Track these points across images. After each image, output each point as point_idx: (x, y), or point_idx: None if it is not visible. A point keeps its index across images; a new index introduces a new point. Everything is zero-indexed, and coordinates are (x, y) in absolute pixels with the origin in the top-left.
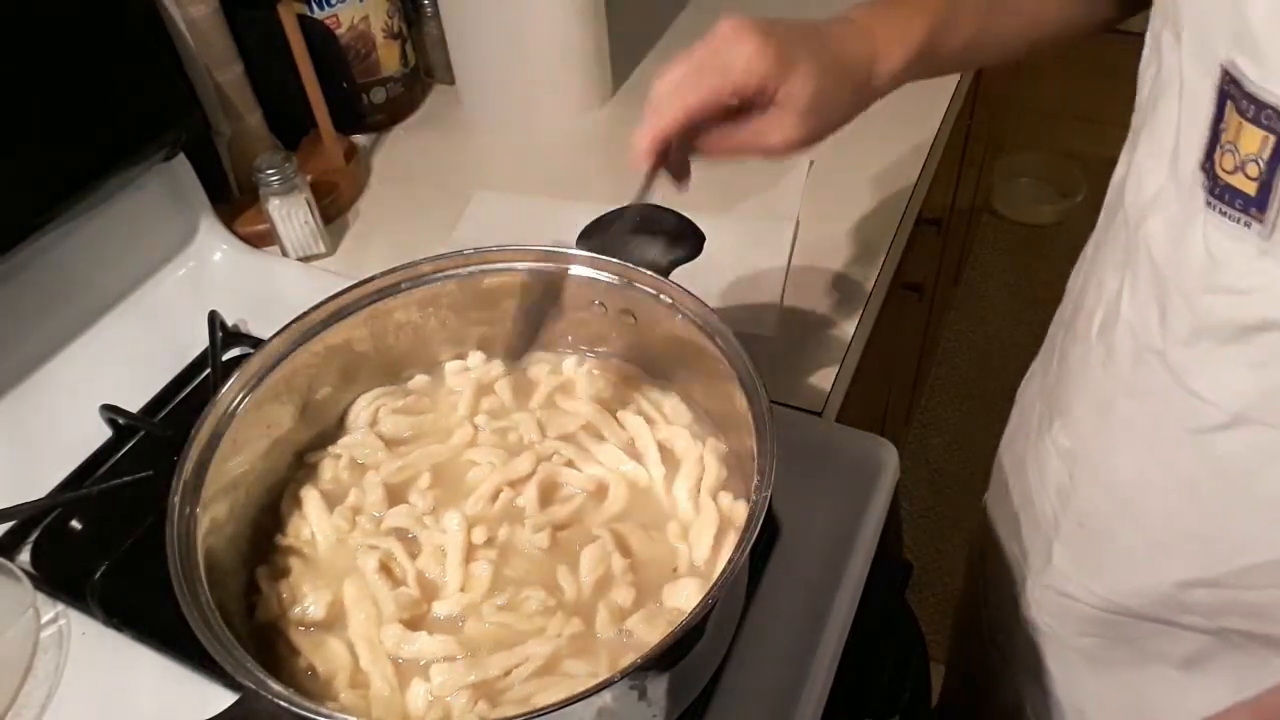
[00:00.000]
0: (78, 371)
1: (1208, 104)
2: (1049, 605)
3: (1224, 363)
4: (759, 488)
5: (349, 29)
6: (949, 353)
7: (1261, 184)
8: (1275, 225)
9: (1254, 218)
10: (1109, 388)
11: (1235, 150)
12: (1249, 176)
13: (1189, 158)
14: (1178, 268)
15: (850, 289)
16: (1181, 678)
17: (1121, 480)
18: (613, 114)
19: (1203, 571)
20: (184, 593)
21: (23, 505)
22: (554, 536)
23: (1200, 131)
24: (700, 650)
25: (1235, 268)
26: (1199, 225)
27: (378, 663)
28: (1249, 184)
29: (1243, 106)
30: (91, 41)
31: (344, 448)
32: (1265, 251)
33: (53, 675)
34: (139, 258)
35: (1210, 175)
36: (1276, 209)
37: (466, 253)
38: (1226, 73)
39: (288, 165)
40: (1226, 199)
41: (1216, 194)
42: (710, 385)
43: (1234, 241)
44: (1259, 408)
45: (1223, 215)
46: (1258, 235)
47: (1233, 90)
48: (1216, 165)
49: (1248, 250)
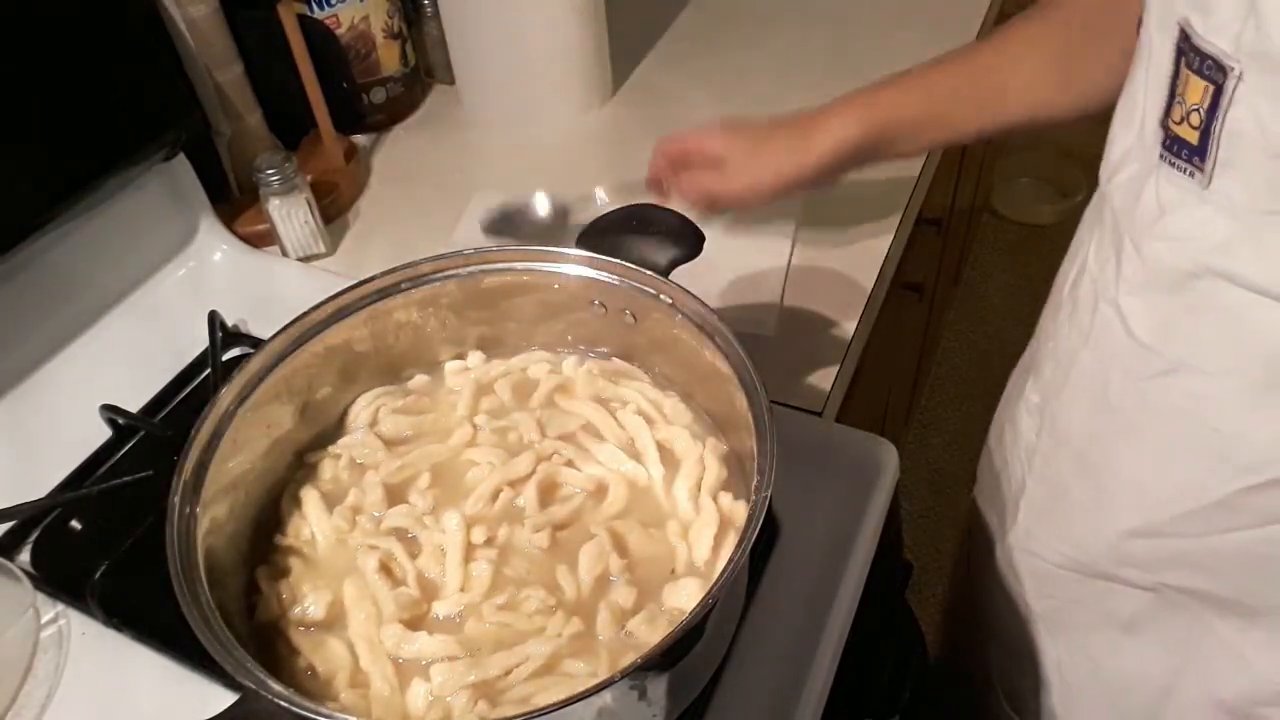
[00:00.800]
0: (78, 371)
1: (1168, 60)
2: (1016, 566)
3: (1166, 310)
4: (759, 488)
5: (349, 29)
6: (949, 353)
7: (1202, 133)
8: (1212, 175)
9: (1196, 166)
10: (1073, 341)
11: (1183, 102)
12: (1192, 126)
13: (1152, 115)
14: (1132, 218)
15: (850, 289)
16: (1124, 641)
17: (1076, 431)
18: (613, 114)
19: (1143, 520)
20: (184, 593)
21: (23, 505)
22: (553, 536)
23: (1161, 90)
24: (700, 650)
25: (1179, 216)
26: (1154, 178)
27: (378, 663)
28: (1192, 133)
29: (1190, 59)
30: (91, 41)
31: (344, 448)
32: (1204, 200)
33: (53, 675)
34: (139, 258)
35: (1165, 129)
36: (1213, 158)
37: (466, 253)
38: (1182, 30)
39: (288, 165)
40: (1175, 149)
41: (1167, 145)
42: (710, 385)
43: (1179, 191)
44: (1195, 354)
45: (1171, 166)
46: (1198, 184)
47: (1185, 45)
48: (1168, 118)
49: (1189, 199)
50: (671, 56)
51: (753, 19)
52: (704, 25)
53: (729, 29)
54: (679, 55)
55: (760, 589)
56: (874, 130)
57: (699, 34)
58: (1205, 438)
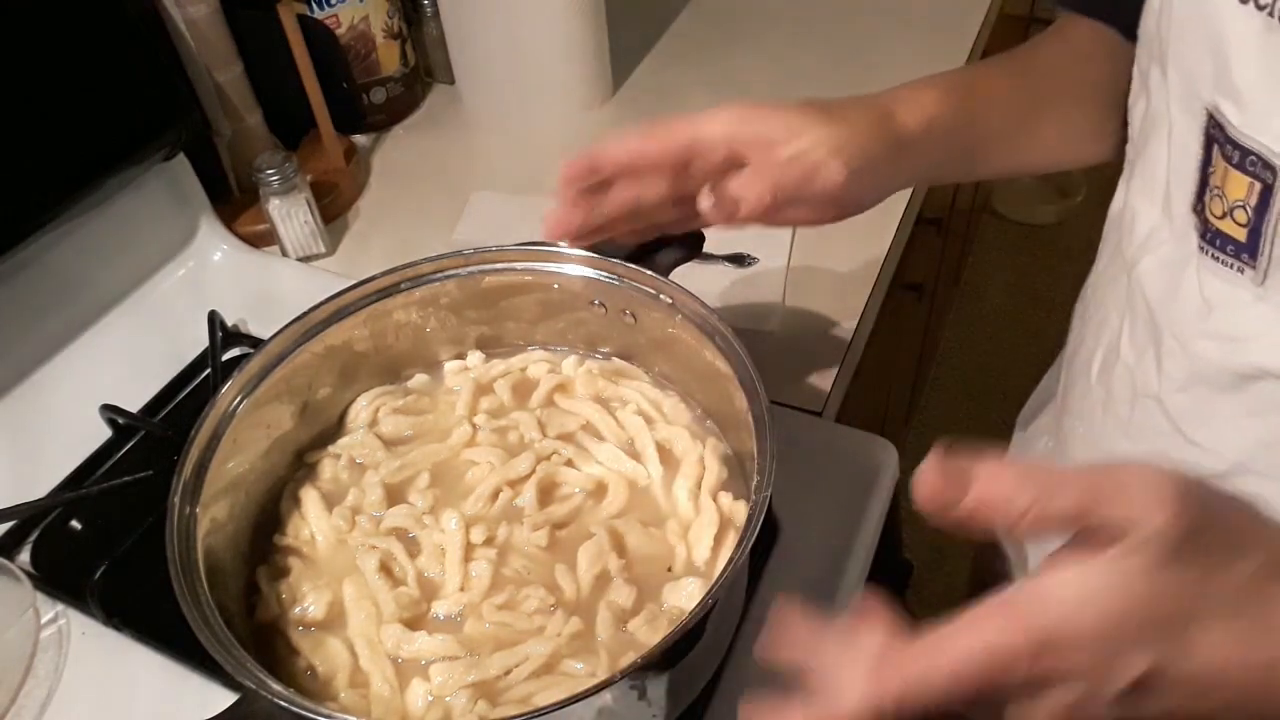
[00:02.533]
0: (78, 371)
1: (1196, 145)
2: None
3: (1221, 410)
4: (759, 488)
5: (349, 29)
6: (949, 353)
7: (1251, 230)
8: (1267, 272)
9: (1245, 264)
10: (1110, 432)
11: (1223, 196)
12: (1238, 223)
13: (1181, 199)
14: (1172, 311)
15: (850, 289)
16: None
17: None
18: (613, 114)
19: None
20: (184, 593)
21: (23, 505)
22: (552, 536)
23: (1190, 173)
24: (700, 650)
25: (1229, 313)
26: (1193, 268)
27: (377, 662)
28: (1238, 230)
29: (1228, 152)
30: (91, 41)
31: (343, 447)
32: (1260, 298)
33: (53, 675)
34: (139, 258)
35: (1201, 218)
36: (1268, 256)
37: (466, 253)
38: (1211, 116)
39: (288, 165)
40: (1218, 244)
41: (1208, 239)
42: (710, 385)
43: (1228, 286)
44: (1258, 458)
45: (1215, 260)
46: (1250, 281)
47: (1218, 134)
48: (1207, 209)
49: (1242, 296)
50: (671, 56)
51: (753, 19)
52: (704, 25)
53: (729, 29)
54: (679, 55)
55: (760, 589)
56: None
57: (699, 34)
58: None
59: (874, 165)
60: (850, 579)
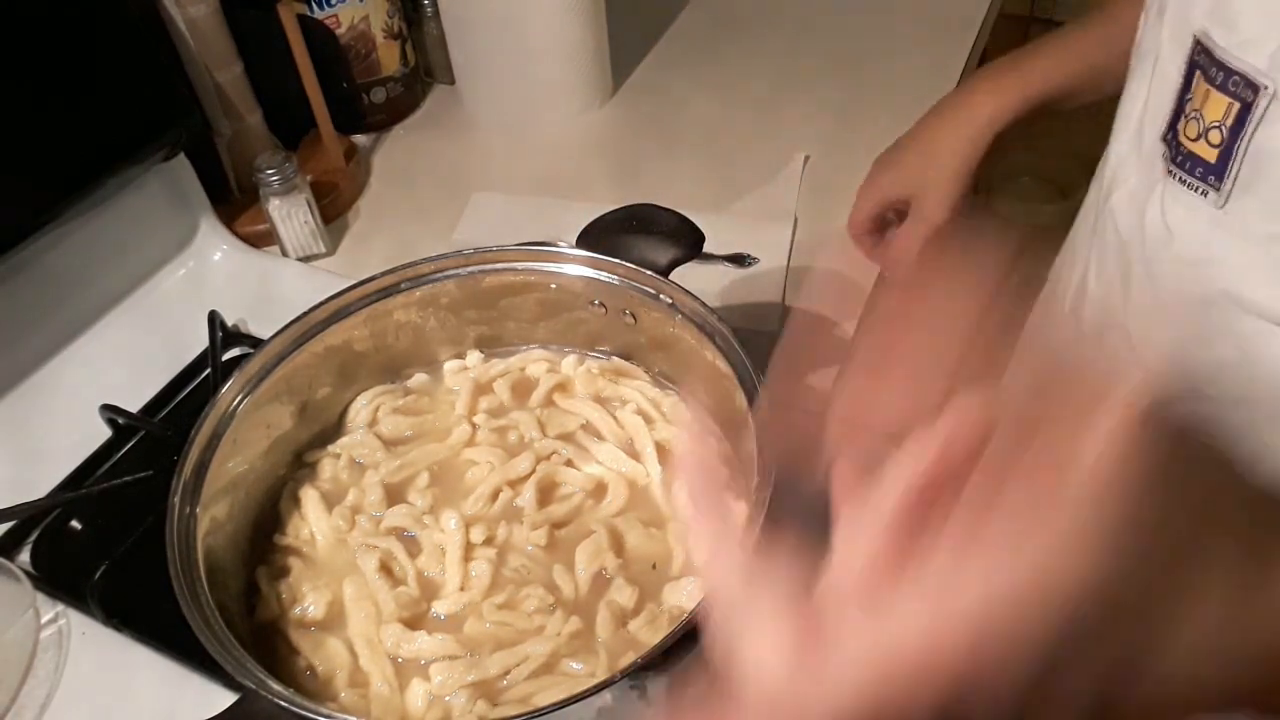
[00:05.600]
0: (78, 371)
1: (1176, 75)
2: None
3: (1176, 336)
4: (759, 488)
5: (349, 29)
6: None
7: (1222, 150)
8: (1229, 194)
9: (1211, 185)
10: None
11: (1200, 118)
12: (1211, 144)
13: (1152, 129)
14: (1139, 238)
15: (850, 289)
16: None
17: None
18: (613, 114)
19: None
20: (184, 593)
21: (23, 505)
22: (552, 535)
23: (1167, 102)
24: (700, 650)
25: (1189, 239)
26: (1158, 195)
27: (377, 662)
28: (1210, 151)
29: (1211, 74)
30: (91, 41)
31: (343, 447)
32: (1218, 223)
33: (53, 675)
34: (139, 258)
35: (1172, 145)
36: (1233, 178)
37: (466, 253)
38: (1199, 42)
39: (288, 165)
40: (1187, 167)
41: (1178, 162)
42: (710, 385)
43: (1189, 211)
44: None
45: (1181, 183)
46: (1212, 205)
47: (1202, 59)
48: (1180, 134)
49: (1201, 220)
50: (671, 56)
51: (752, 19)
52: (704, 25)
53: (729, 29)
54: (679, 55)
55: None
56: (1034, 98)
57: (699, 34)
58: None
59: None
60: None
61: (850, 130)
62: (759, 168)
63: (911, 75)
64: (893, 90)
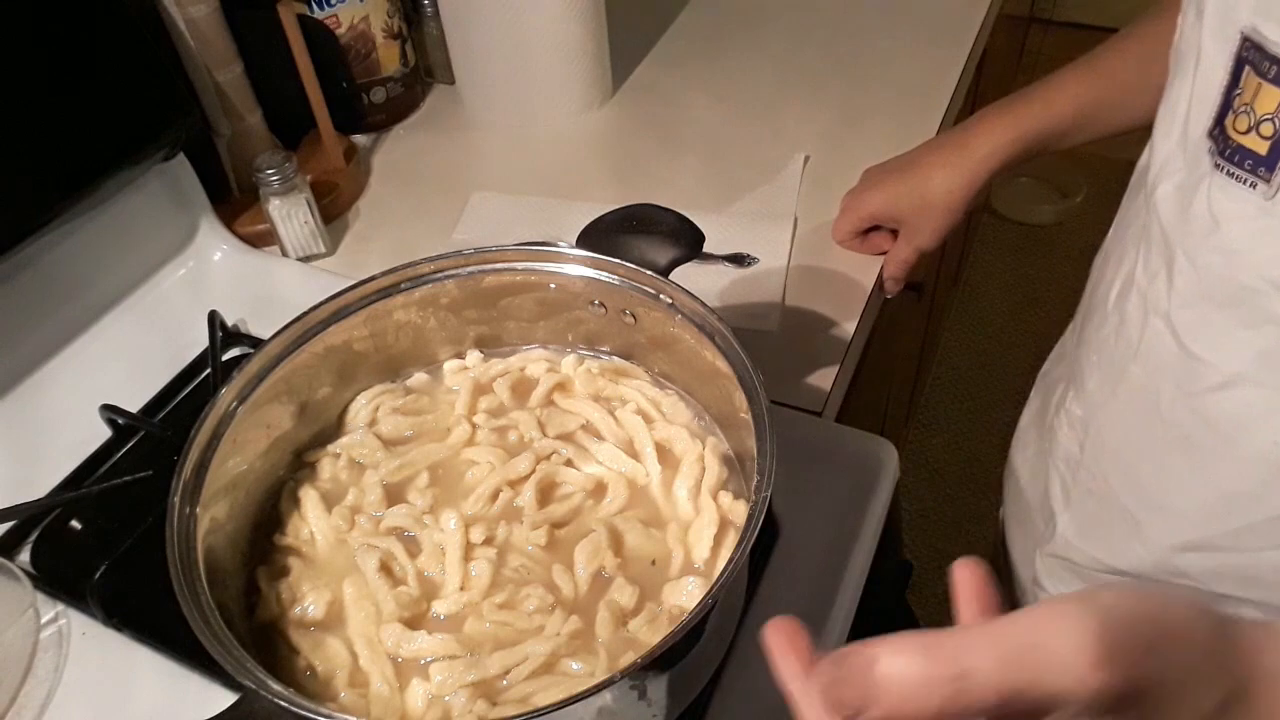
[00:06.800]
0: (78, 371)
1: (1223, 71)
2: (1055, 574)
3: (1221, 323)
4: (759, 488)
5: (349, 29)
6: (949, 353)
7: (1274, 143)
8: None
9: (1260, 177)
10: (1120, 353)
11: (1251, 111)
12: (1262, 136)
13: (1198, 125)
14: (1183, 230)
15: (850, 289)
16: None
17: (1125, 445)
18: (613, 114)
19: (1196, 534)
20: (184, 593)
21: (23, 505)
22: (552, 535)
23: (1212, 99)
24: (700, 650)
25: (1235, 228)
26: (1204, 188)
27: (377, 662)
28: (1261, 144)
29: (1263, 68)
30: (91, 41)
31: (343, 447)
32: (1266, 212)
33: (53, 675)
34: (139, 258)
35: (1220, 139)
36: None
37: (466, 253)
38: (1247, 39)
39: (288, 165)
40: (1236, 160)
41: (1227, 155)
42: (710, 385)
43: (1235, 203)
44: (1253, 368)
45: (1229, 176)
46: (1260, 195)
47: (1252, 55)
48: (1229, 128)
49: (1248, 210)
50: (671, 56)
51: (752, 19)
52: (704, 25)
53: (729, 29)
54: (679, 55)
55: (760, 589)
56: (1027, 138)
57: (699, 34)
58: (1262, 451)
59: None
60: (850, 579)
61: (850, 130)
62: (759, 168)
63: (911, 75)
64: (893, 90)
